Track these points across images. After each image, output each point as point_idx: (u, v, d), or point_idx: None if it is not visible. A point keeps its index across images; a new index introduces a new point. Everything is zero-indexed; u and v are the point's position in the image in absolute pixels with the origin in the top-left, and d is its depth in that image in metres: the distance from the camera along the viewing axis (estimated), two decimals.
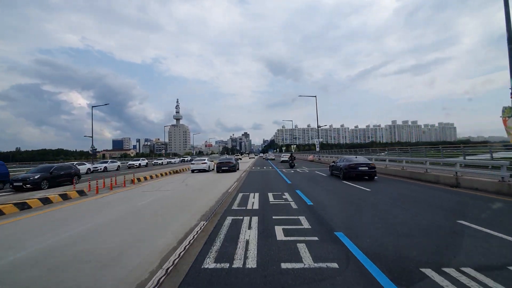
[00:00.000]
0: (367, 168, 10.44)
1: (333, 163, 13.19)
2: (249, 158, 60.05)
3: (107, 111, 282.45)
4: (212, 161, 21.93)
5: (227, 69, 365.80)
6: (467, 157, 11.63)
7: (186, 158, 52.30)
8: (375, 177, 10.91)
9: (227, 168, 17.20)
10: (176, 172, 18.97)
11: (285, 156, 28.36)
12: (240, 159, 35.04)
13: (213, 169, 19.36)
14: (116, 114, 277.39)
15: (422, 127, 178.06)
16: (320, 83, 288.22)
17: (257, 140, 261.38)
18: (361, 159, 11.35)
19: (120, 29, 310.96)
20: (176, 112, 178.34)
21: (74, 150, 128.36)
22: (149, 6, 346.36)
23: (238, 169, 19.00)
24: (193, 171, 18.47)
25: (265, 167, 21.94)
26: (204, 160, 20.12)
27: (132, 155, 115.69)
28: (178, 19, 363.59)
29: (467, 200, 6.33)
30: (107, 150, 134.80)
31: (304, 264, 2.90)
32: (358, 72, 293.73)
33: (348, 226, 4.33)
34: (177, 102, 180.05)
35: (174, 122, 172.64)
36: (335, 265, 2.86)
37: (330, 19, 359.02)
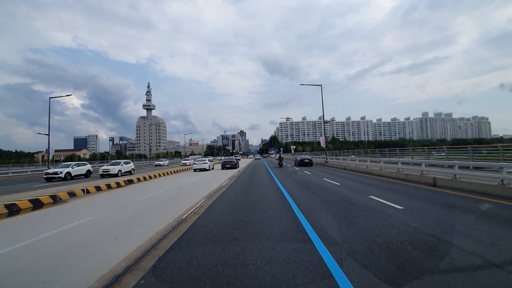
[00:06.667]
0: (308, 160, 24.43)
1: (295, 159, 27.21)
2: (248, 158, 70.88)
3: (102, 112, 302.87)
4: (212, 161, 30.93)
5: (222, 68, 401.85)
6: None
7: None
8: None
9: (229, 166, 25.96)
10: None
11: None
12: (239, 159, 48.44)
13: (212, 168, 26.87)
14: (110, 115, 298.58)
15: (457, 121, 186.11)
16: (317, 83, 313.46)
17: (254, 140, 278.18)
18: (306, 156, 25.36)
19: (113, 28, 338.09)
20: (146, 100, 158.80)
21: (14, 150, 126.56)
22: (141, 4, 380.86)
23: (238, 166, 27.24)
24: (195, 170, 25.30)
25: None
26: (205, 160, 27.57)
27: (82, 156, 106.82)
28: (171, 17, 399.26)
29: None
30: (61, 150, 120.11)
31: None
32: (355, 71, 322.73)
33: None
34: (148, 87, 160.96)
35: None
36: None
37: (326, 17, 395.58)
